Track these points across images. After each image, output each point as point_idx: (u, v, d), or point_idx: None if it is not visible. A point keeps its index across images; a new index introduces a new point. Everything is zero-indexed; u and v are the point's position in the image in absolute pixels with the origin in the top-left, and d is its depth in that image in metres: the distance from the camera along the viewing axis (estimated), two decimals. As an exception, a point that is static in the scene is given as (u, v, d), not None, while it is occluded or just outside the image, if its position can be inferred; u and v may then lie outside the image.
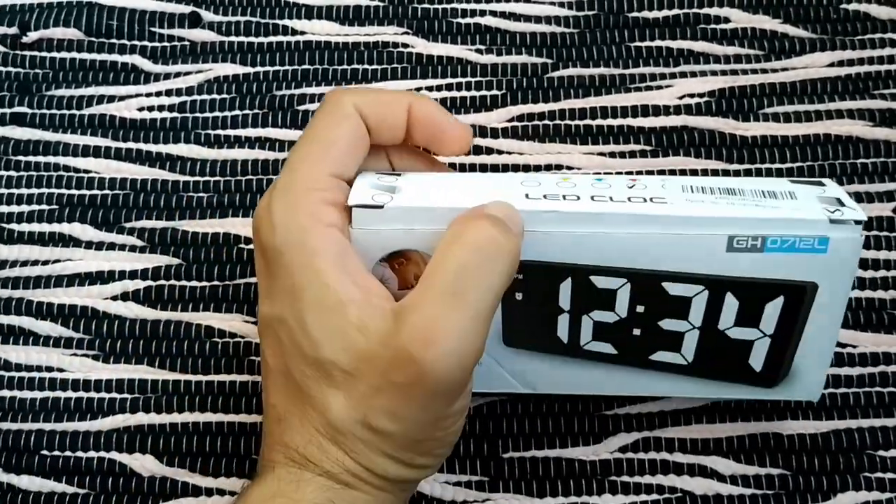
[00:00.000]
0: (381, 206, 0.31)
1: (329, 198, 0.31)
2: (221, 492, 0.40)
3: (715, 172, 0.44)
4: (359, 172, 0.33)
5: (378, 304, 0.29)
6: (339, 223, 0.31)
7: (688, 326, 0.33)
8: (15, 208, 0.44)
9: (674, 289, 0.32)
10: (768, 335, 0.33)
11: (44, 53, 0.47)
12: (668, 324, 0.34)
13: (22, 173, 0.45)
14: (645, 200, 0.31)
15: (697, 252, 0.31)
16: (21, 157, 0.45)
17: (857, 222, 0.30)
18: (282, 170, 0.32)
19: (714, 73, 0.46)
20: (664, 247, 0.31)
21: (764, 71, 0.46)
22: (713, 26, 0.47)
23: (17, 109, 0.46)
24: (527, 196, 0.31)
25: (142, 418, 0.41)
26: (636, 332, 0.34)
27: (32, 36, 0.47)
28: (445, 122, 0.33)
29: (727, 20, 0.47)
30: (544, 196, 0.31)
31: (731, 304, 0.32)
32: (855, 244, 0.30)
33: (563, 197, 0.31)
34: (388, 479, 0.31)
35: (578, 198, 0.31)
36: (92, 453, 0.41)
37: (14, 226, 0.44)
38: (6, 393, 0.42)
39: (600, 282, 0.32)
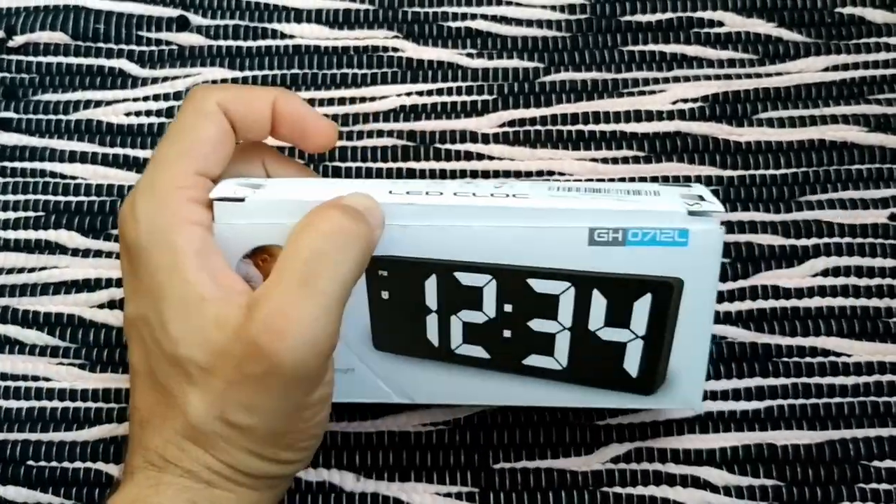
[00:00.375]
0: (243, 199, 0.31)
1: (193, 196, 0.31)
2: (209, 503, 0.40)
3: (709, 178, 0.43)
4: (232, 178, 0.33)
5: (236, 301, 0.29)
6: (204, 221, 0.31)
7: (558, 327, 0.33)
8: (0, 215, 0.44)
9: (540, 286, 0.32)
10: (640, 336, 0.33)
11: (30, 58, 0.47)
12: (537, 324, 0.34)
13: (7, 179, 0.45)
14: (507, 196, 0.32)
15: (560, 247, 0.31)
16: (6, 164, 0.45)
17: (716, 214, 0.31)
18: (146, 168, 0.32)
19: (707, 77, 0.45)
20: (526, 241, 0.31)
21: (758, 75, 0.45)
22: (707, 30, 0.46)
23: (2, 115, 0.46)
24: (390, 192, 0.32)
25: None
26: (507, 333, 0.34)
27: (18, 40, 0.47)
28: (309, 117, 0.34)
29: (721, 24, 0.46)
30: (407, 193, 0.32)
31: (599, 302, 0.32)
32: (715, 236, 0.31)
33: (426, 193, 0.32)
34: (251, 475, 0.30)
35: (441, 193, 0.32)
36: (79, 464, 0.40)
37: (-1, 233, 0.44)
38: (-9, 403, 0.41)
39: (465, 279, 0.33)
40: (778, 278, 0.42)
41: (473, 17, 0.47)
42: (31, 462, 0.40)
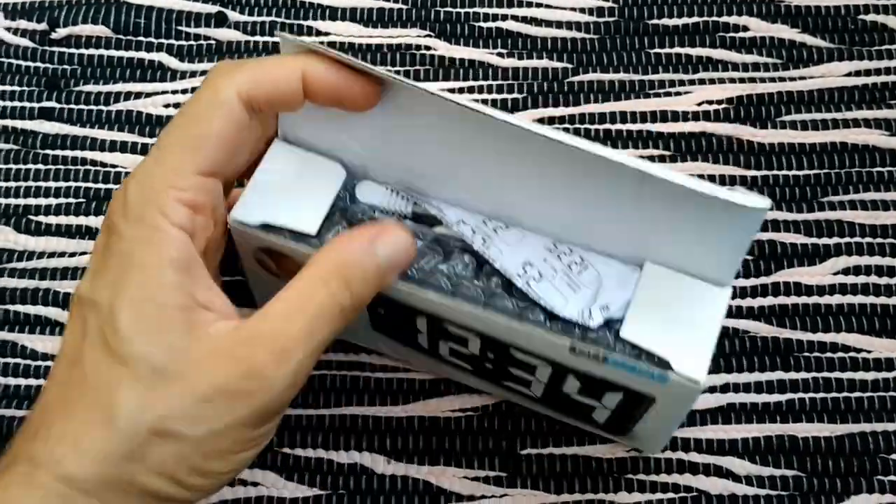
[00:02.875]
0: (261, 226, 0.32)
1: (187, 198, 0.29)
2: (243, 482, 0.41)
3: (732, 178, 0.44)
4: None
5: (213, 316, 0.29)
6: (192, 226, 0.29)
7: (535, 379, 0.35)
8: (42, 201, 0.45)
9: (520, 355, 0.34)
10: (609, 409, 0.35)
11: (72, 50, 0.48)
12: (516, 371, 0.35)
13: (49, 167, 0.46)
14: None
15: (543, 344, 0.32)
16: (49, 151, 0.46)
17: (694, 382, 0.30)
18: (151, 148, 0.30)
19: (732, 80, 0.46)
20: (510, 329, 0.32)
21: (782, 79, 0.46)
22: (732, 34, 0.47)
23: (45, 104, 0.47)
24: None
25: (164, 409, 0.42)
26: (489, 364, 0.36)
27: (61, 32, 0.48)
28: (342, 86, 0.30)
29: (746, 28, 0.47)
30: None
31: (573, 382, 0.34)
32: (694, 392, 0.31)
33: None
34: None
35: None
36: (115, 443, 0.41)
37: (41, 218, 0.45)
38: (32, 381, 0.42)
39: (453, 328, 0.34)
40: (800, 276, 0.43)
41: (504, 17, 0.48)
42: (69, 440, 0.41)
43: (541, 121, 0.46)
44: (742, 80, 0.46)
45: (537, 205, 0.33)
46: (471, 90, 0.47)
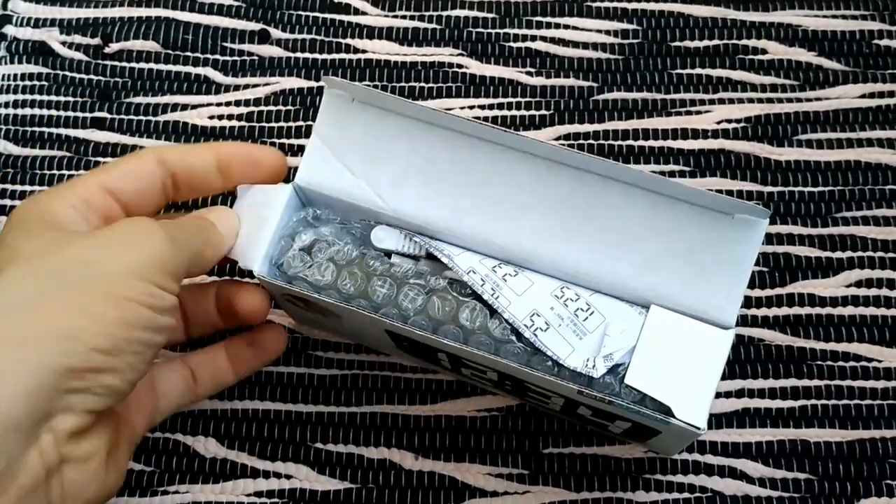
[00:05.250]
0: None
1: (76, 200, 0.32)
2: (277, 475, 0.43)
3: (750, 194, 0.46)
4: None
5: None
6: (67, 225, 0.32)
7: (551, 401, 0.37)
8: (93, 205, 0.48)
9: (535, 387, 0.35)
10: (622, 428, 0.37)
11: (123, 63, 0.51)
12: (533, 394, 0.37)
13: (100, 173, 0.48)
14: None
15: (552, 386, 0.34)
16: (100, 159, 0.49)
17: (695, 428, 0.31)
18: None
19: (751, 100, 0.48)
20: (522, 374, 0.33)
21: (798, 100, 0.48)
22: (751, 57, 0.49)
23: (97, 114, 0.50)
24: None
25: (204, 403, 0.44)
26: (508, 386, 0.38)
27: (114, 47, 0.51)
28: (254, 148, 0.36)
29: (764, 51, 0.49)
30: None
31: (585, 409, 0.36)
32: (695, 435, 0.32)
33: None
34: None
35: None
36: (157, 433, 0.43)
37: (92, 221, 0.47)
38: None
39: (470, 363, 0.36)
40: (814, 287, 0.45)
41: (533, 38, 0.51)
42: (115, 430, 0.44)
43: (567, 136, 0.48)
44: (760, 101, 0.48)
45: (548, 246, 0.34)
46: (500, 106, 0.49)
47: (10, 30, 0.51)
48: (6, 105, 0.50)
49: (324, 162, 0.36)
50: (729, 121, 0.48)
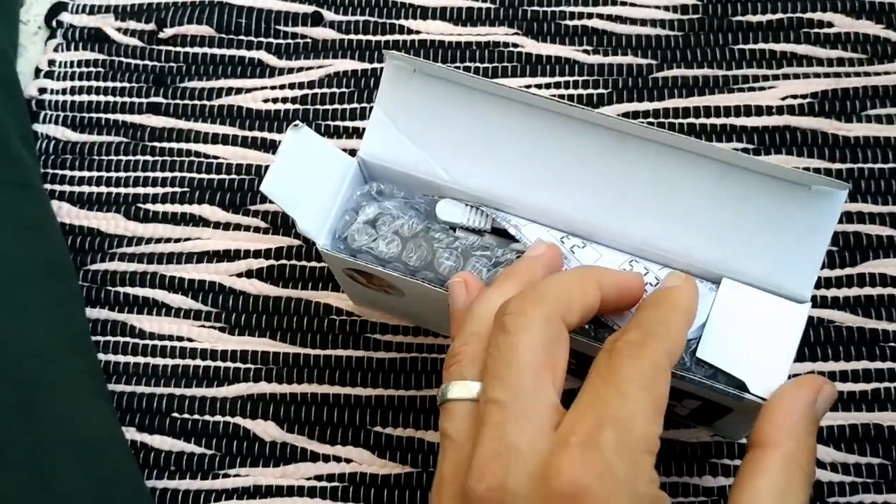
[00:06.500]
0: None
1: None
2: (337, 458, 0.42)
3: (817, 170, 0.45)
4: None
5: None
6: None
7: None
8: (150, 190, 0.48)
9: None
10: (689, 409, 0.36)
11: (178, 48, 0.51)
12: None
13: (157, 158, 0.49)
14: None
15: None
16: (156, 144, 0.49)
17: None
18: None
19: (817, 75, 0.47)
20: (589, 348, 0.32)
21: (867, 74, 0.47)
22: (817, 30, 0.48)
23: (153, 99, 0.50)
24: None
25: (264, 387, 0.44)
26: (573, 364, 0.35)
27: (168, 32, 0.51)
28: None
29: (830, 24, 0.48)
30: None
31: None
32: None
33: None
34: None
35: None
36: (218, 417, 0.43)
37: (149, 206, 0.48)
38: (141, 359, 0.45)
39: None
40: (885, 266, 0.43)
41: (590, 16, 0.50)
42: (175, 414, 0.44)
43: (626, 115, 0.47)
44: (827, 75, 0.47)
45: (614, 217, 0.33)
46: (556, 86, 0.48)
47: (65, 17, 0.52)
48: (63, 92, 0.50)
49: (387, 134, 0.35)
50: (794, 96, 0.47)
